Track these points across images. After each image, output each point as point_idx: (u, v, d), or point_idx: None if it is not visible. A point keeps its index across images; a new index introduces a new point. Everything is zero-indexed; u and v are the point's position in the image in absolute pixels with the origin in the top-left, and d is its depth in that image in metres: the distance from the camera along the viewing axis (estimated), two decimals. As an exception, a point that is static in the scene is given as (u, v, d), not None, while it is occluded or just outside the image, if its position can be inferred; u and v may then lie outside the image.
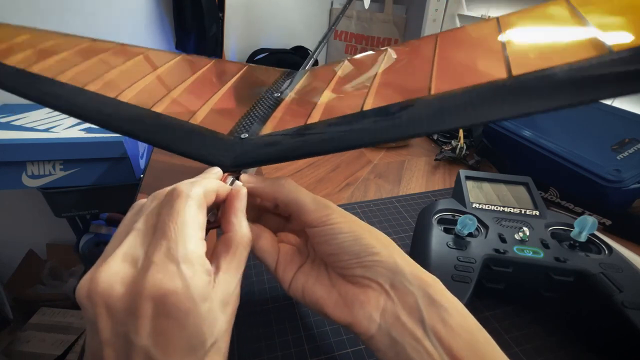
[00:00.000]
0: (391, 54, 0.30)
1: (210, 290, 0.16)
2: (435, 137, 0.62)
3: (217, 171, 0.22)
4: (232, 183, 0.23)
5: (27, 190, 0.63)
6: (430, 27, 0.87)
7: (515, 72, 0.18)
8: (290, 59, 1.00)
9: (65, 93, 0.27)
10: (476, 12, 0.81)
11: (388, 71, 0.27)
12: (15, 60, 0.29)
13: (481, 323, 0.18)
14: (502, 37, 0.23)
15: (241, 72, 0.39)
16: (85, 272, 0.18)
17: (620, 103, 0.52)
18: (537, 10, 0.24)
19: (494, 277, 0.29)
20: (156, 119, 0.26)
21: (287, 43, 1.06)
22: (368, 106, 0.22)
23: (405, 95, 0.21)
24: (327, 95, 0.29)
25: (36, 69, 0.28)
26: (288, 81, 0.37)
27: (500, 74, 0.18)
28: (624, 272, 0.27)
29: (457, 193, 0.37)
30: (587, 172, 0.39)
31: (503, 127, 0.50)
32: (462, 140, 0.55)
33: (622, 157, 0.39)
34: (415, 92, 0.21)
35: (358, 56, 0.35)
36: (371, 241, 0.21)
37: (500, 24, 0.24)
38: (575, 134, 0.44)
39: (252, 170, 0.26)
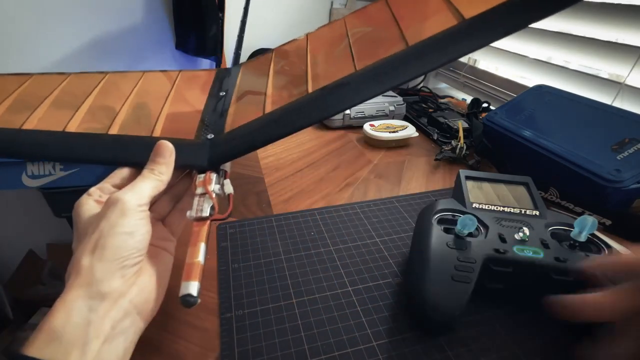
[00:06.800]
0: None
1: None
2: (435, 137, 0.62)
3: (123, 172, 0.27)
4: (218, 180, 0.26)
5: (27, 190, 0.63)
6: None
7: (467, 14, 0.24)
8: (290, 59, 0.99)
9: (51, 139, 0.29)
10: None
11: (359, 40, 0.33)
12: None
13: (481, 323, 0.18)
14: None
15: (177, 78, 0.41)
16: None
17: (620, 103, 0.52)
18: None
19: (494, 277, 0.29)
20: (116, 141, 0.28)
21: (287, 43, 1.06)
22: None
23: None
24: (271, 85, 0.34)
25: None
26: (227, 78, 0.41)
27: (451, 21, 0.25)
28: (624, 272, 0.27)
29: (457, 193, 0.37)
30: (587, 172, 0.39)
31: (503, 127, 0.50)
32: (462, 140, 0.55)
33: (622, 157, 0.39)
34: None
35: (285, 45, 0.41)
36: None
37: None
38: (575, 134, 0.44)
39: (227, 165, 0.30)
